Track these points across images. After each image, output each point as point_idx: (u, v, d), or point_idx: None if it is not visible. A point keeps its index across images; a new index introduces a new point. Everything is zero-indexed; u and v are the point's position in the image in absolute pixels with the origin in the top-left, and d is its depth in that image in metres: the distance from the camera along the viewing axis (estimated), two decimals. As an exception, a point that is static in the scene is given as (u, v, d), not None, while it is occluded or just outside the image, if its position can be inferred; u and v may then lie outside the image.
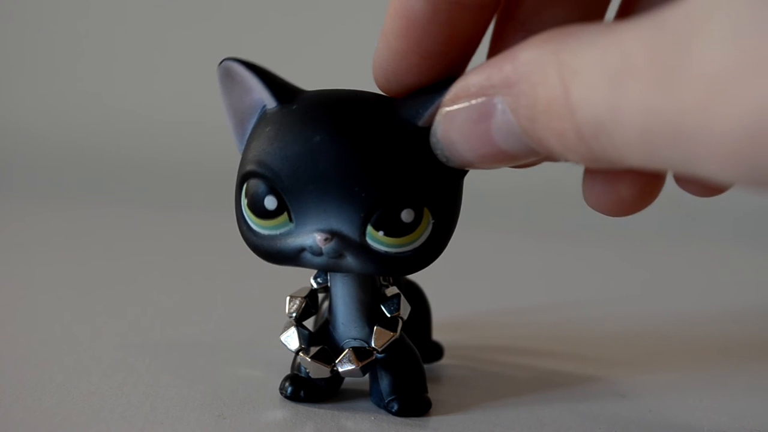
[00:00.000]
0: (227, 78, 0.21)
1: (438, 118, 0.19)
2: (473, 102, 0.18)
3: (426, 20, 0.19)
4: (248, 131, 0.22)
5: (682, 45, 0.13)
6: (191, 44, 0.79)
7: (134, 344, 0.28)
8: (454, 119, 0.18)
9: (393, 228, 0.20)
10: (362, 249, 0.20)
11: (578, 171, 0.20)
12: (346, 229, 0.20)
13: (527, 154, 0.18)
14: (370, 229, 0.20)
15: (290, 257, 0.21)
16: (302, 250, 0.20)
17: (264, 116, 0.21)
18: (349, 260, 0.20)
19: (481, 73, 0.18)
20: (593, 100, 0.15)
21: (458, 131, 0.18)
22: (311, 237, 0.20)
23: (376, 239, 0.20)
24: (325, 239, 0.20)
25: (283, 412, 0.22)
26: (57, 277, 0.38)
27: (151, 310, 0.33)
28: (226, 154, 0.30)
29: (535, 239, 0.61)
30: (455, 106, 0.18)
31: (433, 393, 0.24)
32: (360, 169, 0.20)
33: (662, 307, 0.41)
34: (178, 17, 0.81)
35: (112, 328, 0.30)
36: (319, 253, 0.20)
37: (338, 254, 0.20)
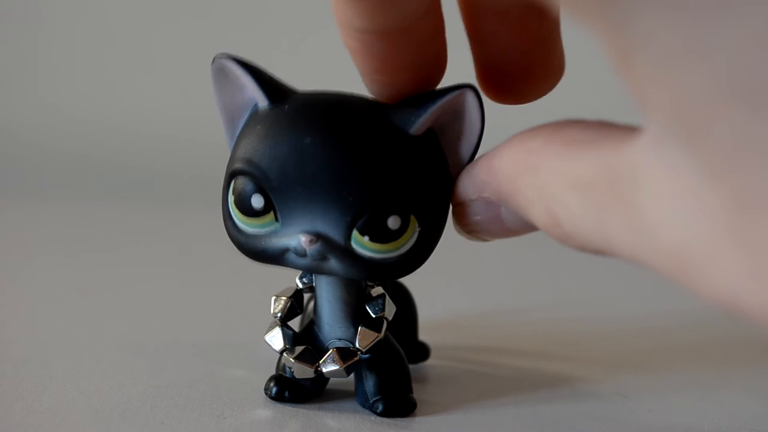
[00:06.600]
0: (220, 75, 0.21)
1: (451, 215, 0.21)
2: (478, 206, 0.20)
3: (391, 54, 0.19)
4: (239, 129, 0.22)
5: (637, 199, 0.14)
6: (189, 43, 0.79)
7: (134, 344, 0.28)
8: (468, 217, 0.20)
9: (378, 234, 0.20)
10: (347, 253, 0.20)
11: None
12: (332, 232, 0.20)
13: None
14: (355, 233, 0.20)
15: (274, 257, 0.21)
16: (286, 250, 0.20)
17: (255, 115, 0.21)
18: (333, 263, 0.20)
19: (472, 183, 0.20)
20: (585, 234, 0.16)
21: (476, 225, 0.20)
22: (296, 238, 0.20)
23: (362, 244, 0.20)
24: (310, 241, 0.20)
25: (284, 412, 0.22)
26: (57, 277, 0.38)
27: (151, 310, 0.33)
28: (221, 155, 0.30)
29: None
30: (464, 206, 0.20)
31: (418, 393, 0.24)
32: (349, 174, 0.20)
33: (662, 307, 0.41)
34: (175, 15, 0.81)
35: (112, 328, 0.30)
36: (303, 255, 0.20)
37: (322, 257, 0.20)
